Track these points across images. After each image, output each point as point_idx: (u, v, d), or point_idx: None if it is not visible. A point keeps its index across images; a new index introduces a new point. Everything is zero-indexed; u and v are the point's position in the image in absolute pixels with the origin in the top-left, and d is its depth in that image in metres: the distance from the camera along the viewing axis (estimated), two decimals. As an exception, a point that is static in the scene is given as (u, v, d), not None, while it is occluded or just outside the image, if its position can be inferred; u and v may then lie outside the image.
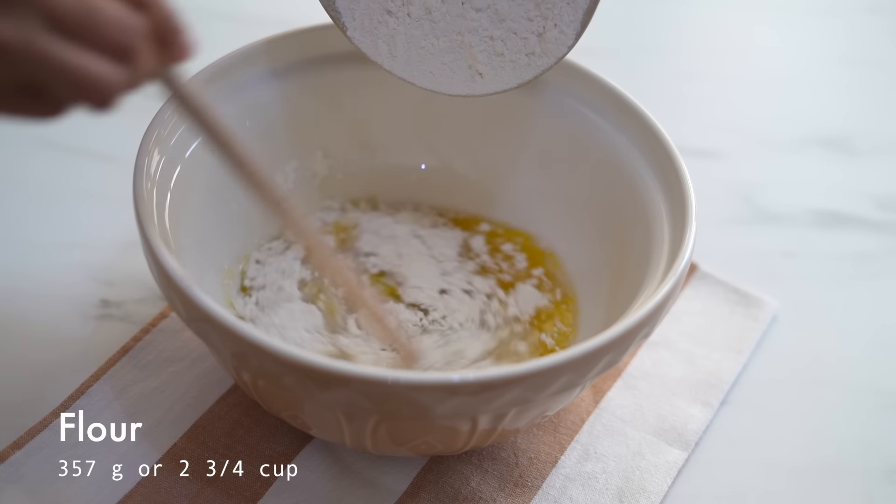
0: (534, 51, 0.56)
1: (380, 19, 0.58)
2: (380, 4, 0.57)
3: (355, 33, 0.58)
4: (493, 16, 0.56)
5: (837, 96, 0.88)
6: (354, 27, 0.58)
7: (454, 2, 0.57)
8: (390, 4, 0.57)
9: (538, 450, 0.58)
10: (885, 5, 0.98)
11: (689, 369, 0.63)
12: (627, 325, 0.49)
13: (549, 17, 0.55)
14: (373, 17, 0.57)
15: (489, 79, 0.58)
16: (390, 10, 0.57)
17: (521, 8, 0.56)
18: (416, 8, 0.57)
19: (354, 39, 0.58)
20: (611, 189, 0.61)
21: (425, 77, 0.59)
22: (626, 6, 0.97)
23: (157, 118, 0.55)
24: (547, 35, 0.56)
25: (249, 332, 0.46)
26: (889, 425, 0.62)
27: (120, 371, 0.59)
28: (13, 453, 0.54)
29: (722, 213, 0.75)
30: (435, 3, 0.56)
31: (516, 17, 0.56)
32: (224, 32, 0.84)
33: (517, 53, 0.57)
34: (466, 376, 0.46)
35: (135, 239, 0.52)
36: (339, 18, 0.58)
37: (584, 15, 0.55)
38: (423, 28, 0.57)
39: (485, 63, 0.58)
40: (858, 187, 0.78)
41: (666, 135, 0.57)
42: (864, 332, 0.68)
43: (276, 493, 0.55)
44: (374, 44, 0.58)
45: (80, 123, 0.75)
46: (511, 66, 0.57)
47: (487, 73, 0.58)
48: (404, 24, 0.57)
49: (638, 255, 0.57)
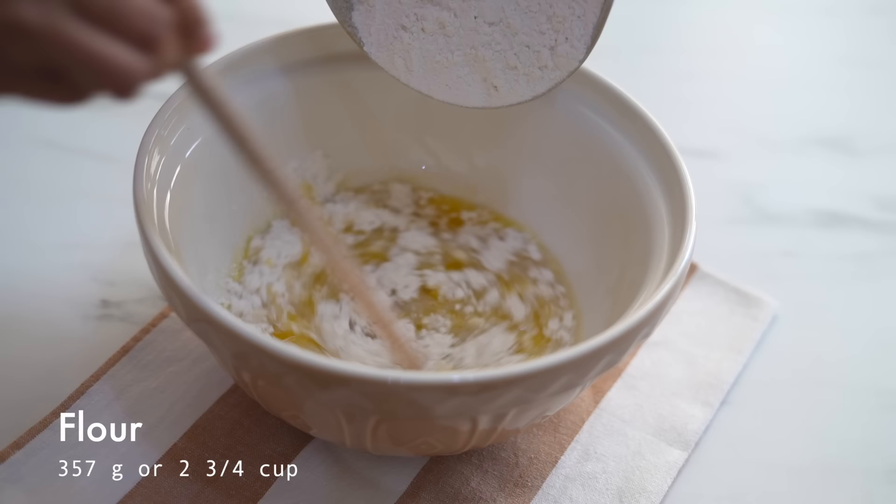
0: (546, 64, 0.57)
1: (395, 35, 0.58)
2: (394, 20, 0.57)
3: (372, 48, 0.59)
4: (505, 30, 0.57)
5: (838, 96, 0.88)
6: (371, 42, 0.59)
7: (467, 16, 0.57)
8: (405, 20, 0.57)
9: (538, 450, 0.58)
10: (885, 5, 0.98)
11: (689, 369, 0.63)
12: (627, 325, 0.49)
13: (560, 31, 0.56)
14: (388, 33, 0.58)
15: (504, 91, 0.58)
16: (405, 26, 0.57)
17: (534, 21, 0.56)
18: (429, 23, 0.57)
19: (371, 55, 0.59)
20: (611, 189, 0.61)
21: (442, 90, 0.59)
22: (626, 6, 0.96)
23: (157, 118, 0.55)
24: (558, 49, 0.56)
25: (249, 332, 0.46)
26: (889, 425, 0.62)
27: (120, 371, 0.59)
28: (13, 453, 0.54)
29: (722, 213, 0.75)
30: (448, 18, 0.57)
31: (528, 30, 0.56)
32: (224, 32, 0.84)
33: (530, 66, 0.57)
34: (466, 376, 0.46)
35: (135, 239, 0.52)
36: (355, 34, 0.59)
37: (594, 29, 0.55)
38: (437, 42, 0.57)
39: (499, 76, 0.58)
40: (858, 187, 0.78)
41: (666, 135, 0.57)
42: (864, 332, 0.68)
43: (276, 493, 0.55)
44: (391, 58, 0.59)
45: (81, 123, 0.75)
46: (525, 79, 0.58)
47: (502, 85, 0.58)
48: (419, 39, 0.58)
49: (638, 255, 0.57)
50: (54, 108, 0.42)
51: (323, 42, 0.62)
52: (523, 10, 0.56)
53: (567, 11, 0.55)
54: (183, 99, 0.56)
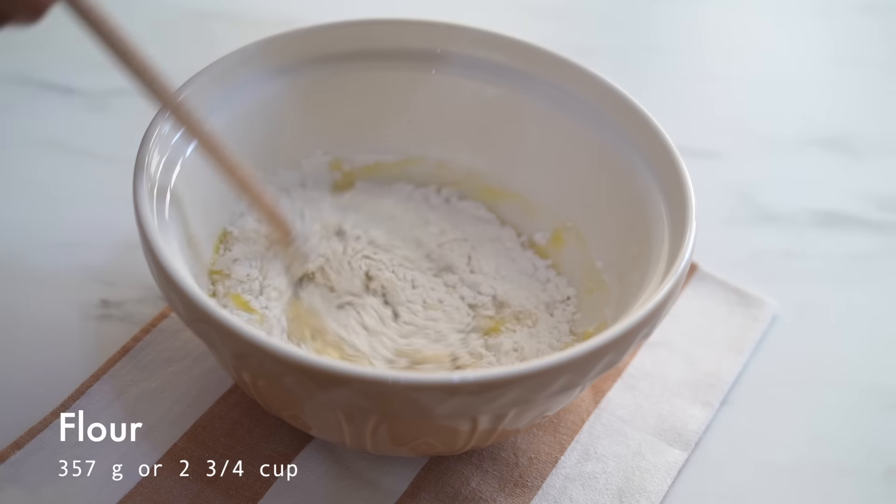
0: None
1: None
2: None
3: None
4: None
5: (837, 96, 0.88)
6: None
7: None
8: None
9: (538, 450, 0.58)
10: (885, 5, 0.99)
11: (689, 369, 0.63)
12: (627, 325, 0.49)
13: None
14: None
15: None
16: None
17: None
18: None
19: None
20: (611, 189, 0.61)
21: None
22: (626, 6, 0.97)
23: (157, 118, 0.55)
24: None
25: (249, 332, 0.46)
26: (889, 425, 0.62)
27: (120, 371, 0.59)
28: (13, 453, 0.54)
29: (722, 213, 0.75)
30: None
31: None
32: (224, 32, 0.84)
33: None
34: (466, 376, 0.46)
35: (135, 239, 0.52)
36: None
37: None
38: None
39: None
40: (858, 187, 0.78)
41: (666, 135, 0.57)
42: (864, 332, 0.68)
43: (276, 493, 0.55)
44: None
45: (81, 123, 0.75)
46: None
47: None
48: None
49: (638, 255, 0.57)
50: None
51: (323, 42, 0.62)
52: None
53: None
54: (183, 99, 0.56)
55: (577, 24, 0.93)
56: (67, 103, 0.77)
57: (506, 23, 0.67)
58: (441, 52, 0.64)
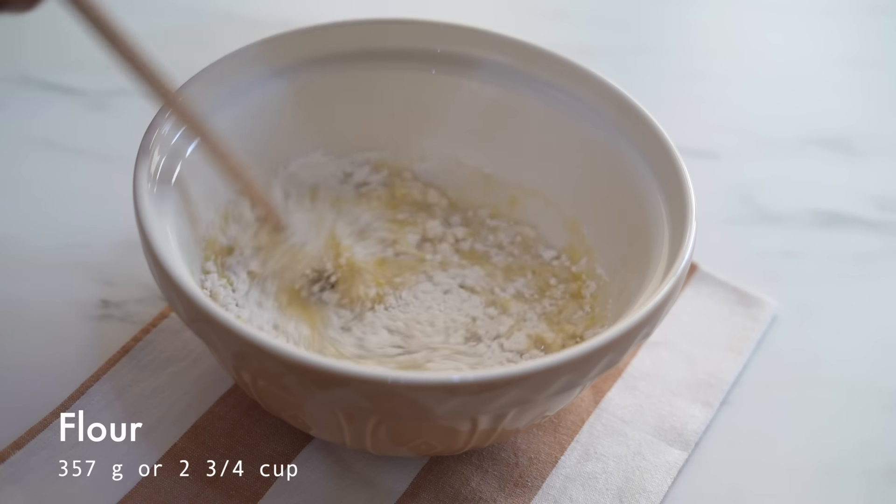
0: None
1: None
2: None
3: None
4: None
5: (838, 96, 0.88)
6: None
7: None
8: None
9: (538, 450, 0.58)
10: (885, 5, 0.98)
11: (689, 369, 0.63)
12: (627, 325, 0.49)
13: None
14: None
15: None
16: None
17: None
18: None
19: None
20: (611, 189, 0.61)
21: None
22: (625, 6, 0.97)
23: (157, 118, 0.55)
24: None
25: (249, 332, 0.46)
26: (889, 425, 0.62)
27: (120, 371, 0.59)
28: (13, 453, 0.54)
29: (722, 213, 0.75)
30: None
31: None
32: (224, 32, 0.84)
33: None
34: (466, 376, 0.46)
35: (135, 239, 0.52)
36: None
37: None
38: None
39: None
40: (859, 187, 0.78)
41: (666, 135, 0.57)
42: (864, 332, 0.68)
43: (276, 493, 0.55)
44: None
45: (81, 123, 0.75)
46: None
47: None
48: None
49: (638, 255, 0.57)
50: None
51: (323, 42, 0.62)
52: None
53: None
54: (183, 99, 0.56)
55: (577, 24, 0.93)
56: (67, 103, 0.77)
57: (506, 23, 0.67)
58: (441, 52, 0.64)
